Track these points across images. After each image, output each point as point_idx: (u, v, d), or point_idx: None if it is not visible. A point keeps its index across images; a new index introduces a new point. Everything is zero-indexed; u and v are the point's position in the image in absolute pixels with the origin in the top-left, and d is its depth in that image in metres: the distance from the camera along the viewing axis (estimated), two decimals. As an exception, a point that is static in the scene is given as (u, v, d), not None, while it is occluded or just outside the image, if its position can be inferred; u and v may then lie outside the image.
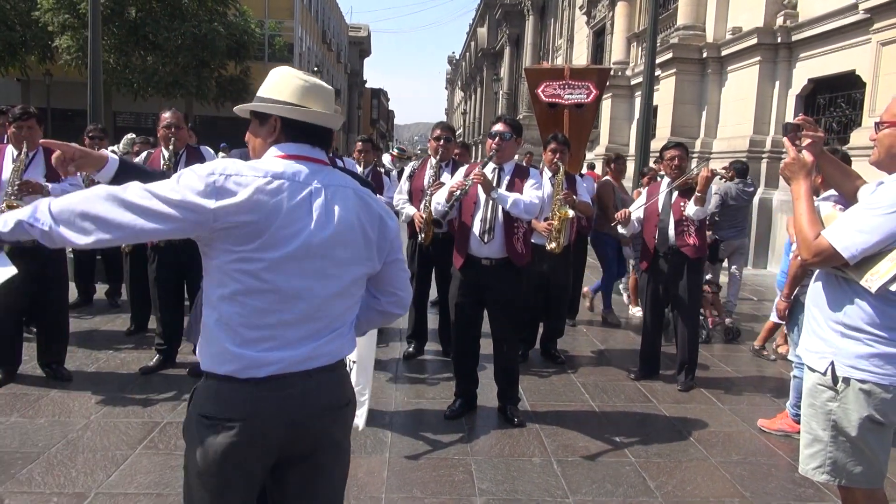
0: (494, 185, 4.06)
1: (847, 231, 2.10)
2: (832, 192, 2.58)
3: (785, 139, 2.39)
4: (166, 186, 1.61)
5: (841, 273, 2.18)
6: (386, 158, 12.96)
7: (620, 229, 5.19)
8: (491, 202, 4.02)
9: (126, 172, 2.08)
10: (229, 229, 1.61)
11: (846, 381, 2.17)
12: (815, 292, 2.32)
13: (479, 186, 3.99)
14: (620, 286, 7.74)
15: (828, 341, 2.23)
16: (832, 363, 2.20)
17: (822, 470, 2.27)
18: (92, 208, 1.57)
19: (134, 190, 1.60)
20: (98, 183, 2.13)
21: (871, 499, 2.29)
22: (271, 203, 1.63)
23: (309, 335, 1.71)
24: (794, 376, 4.16)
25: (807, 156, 2.31)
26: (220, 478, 1.69)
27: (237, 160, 1.69)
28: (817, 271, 2.34)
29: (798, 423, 4.00)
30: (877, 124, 2.26)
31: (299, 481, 1.79)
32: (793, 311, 4.17)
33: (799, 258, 4.02)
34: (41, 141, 2.07)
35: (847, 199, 2.50)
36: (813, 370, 2.28)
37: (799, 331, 4.10)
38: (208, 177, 1.61)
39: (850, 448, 2.21)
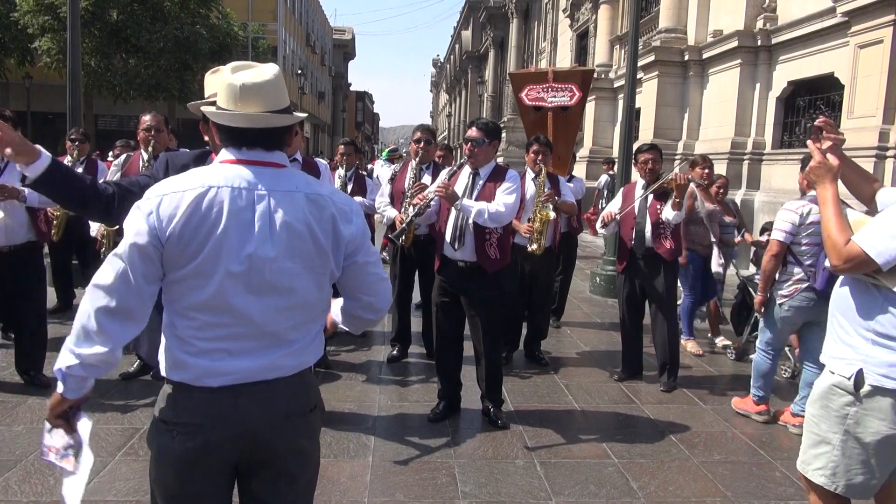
0: (468, 191, 4.06)
1: (880, 236, 2.04)
2: (813, 193, 2.56)
3: (809, 142, 2.34)
4: (122, 242, 1.60)
5: (871, 279, 2.12)
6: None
7: (600, 229, 5.19)
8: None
9: (56, 172, 2.04)
10: (170, 247, 1.58)
11: (876, 389, 2.10)
12: (841, 298, 2.25)
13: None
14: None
15: (856, 348, 2.16)
16: (860, 370, 2.13)
17: (823, 472, 2.23)
18: (88, 317, 1.57)
19: (103, 271, 1.59)
20: (27, 178, 2.04)
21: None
22: (210, 216, 1.58)
23: (264, 348, 1.67)
24: (750, 358, 4.43)
25: (832, 159, 2.25)
26: (176, 483, 1.66)
27: (172, 178, 1.65)
28: (841, 276, 2.27)
29: (758, 403, 4.40)
30: None
31: (263, 488, 1.76)
32: (767, 305, 4.32)
33: (769, 255, 4.20)
34: None
35: (863, 202, 2.44)
36: (832, 373, 2.23)
37: (766, 323, 4.38)
38: (146, 203, 1.59)
39: (858, 455, 2.17)
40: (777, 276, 4.23)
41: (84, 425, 1.73)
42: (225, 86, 1.66)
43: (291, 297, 1.67)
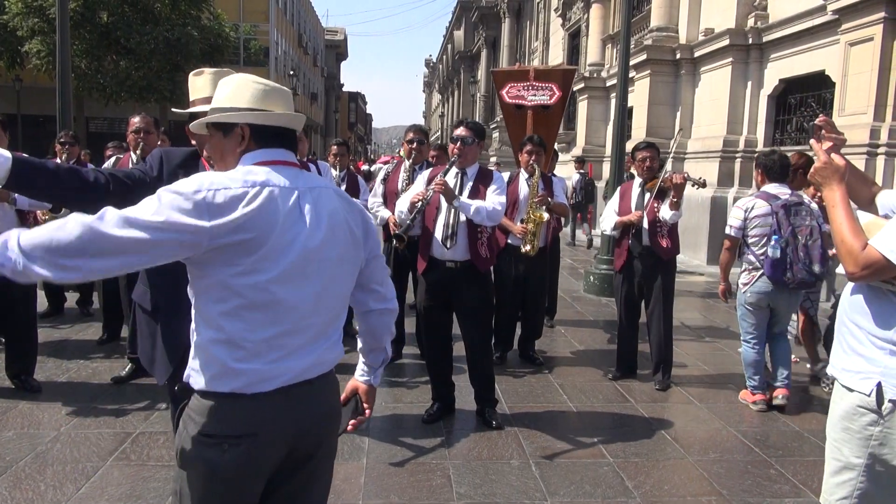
0: (457, 190, 4.05)
1: None
2: (773, 188, 2.40)
3: (812, 141, 2.21)
4: (147, 210, 1.48)
5: (889, 286, 2.00)
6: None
7: (606, 230, 5.21)
8: (453, 208, 4.00)
9: (24, 171, 1.91)
10: (226, 246, 1.53)
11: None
12: (855, 306, 2.10)
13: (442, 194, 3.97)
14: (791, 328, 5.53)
15: (873, 360, 2.01)
16: (879, 384, 1.98)
17: (849, 502, 2.08)
18: (66, 242, 1.44)
19: (111, 218, 1.46)
20: None
21: None
22: (267, 212, 1.58)
23: (310, 343, 1.69)
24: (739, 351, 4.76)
25: (839, 159, 2.10)
26: (229, 495, 1.63)
27: (215, 173, 1.60)
28: (851, 284, 2.12)
29: (754, 392, 4.60)
30: None
31: (293, 489, 1.76)
32: (730, 296, 4.74)
33: (724, 249, 4.51)
34: None
35: (862, 206, 2.31)
36: (851, 390, 2.06)
37: (740, 315, 4.67)
38: (195, 194, 1.50)
39: (885, 478, 2.03)
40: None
41: None
42: (257, 90, 1.72)
43: (332, 287, 1.73)
